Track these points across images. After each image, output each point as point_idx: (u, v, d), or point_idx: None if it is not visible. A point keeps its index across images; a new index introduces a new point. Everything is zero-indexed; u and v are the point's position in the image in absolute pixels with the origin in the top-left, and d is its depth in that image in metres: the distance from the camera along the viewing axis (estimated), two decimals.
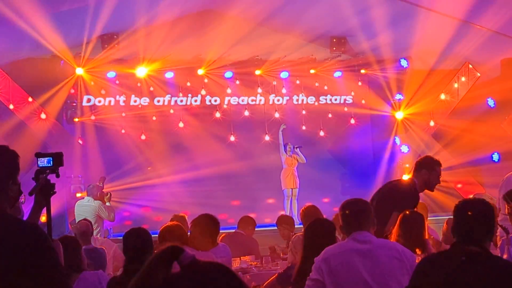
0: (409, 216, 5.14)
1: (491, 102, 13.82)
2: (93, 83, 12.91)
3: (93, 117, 13.05)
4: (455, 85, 14.21)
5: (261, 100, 14.20)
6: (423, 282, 3.32)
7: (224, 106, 13.97)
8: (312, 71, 14.17)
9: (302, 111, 14.38)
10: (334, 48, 13.80)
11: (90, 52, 12.37)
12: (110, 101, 13.19)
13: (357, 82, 14.49)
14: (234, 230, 8.42)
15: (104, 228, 10.14)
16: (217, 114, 13.73)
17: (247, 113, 13.95)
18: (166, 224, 5.38)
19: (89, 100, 13.05)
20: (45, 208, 3.46)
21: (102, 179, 10.84)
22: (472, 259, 3.22)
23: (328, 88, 14.41)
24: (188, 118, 13.71)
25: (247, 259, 7.28)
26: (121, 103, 13.28)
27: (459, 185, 13.90)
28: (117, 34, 12.34)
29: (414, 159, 14.50)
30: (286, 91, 14.29)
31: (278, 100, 14.34)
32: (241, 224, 8.27)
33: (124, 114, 13.33)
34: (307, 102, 14.45)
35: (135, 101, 13.39)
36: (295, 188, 13.33)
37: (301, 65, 14.06)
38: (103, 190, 9.84)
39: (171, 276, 1.35)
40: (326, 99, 14.57)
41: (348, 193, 12.88)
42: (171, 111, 13.63)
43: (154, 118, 13.57)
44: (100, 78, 12.94)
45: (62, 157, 3.58)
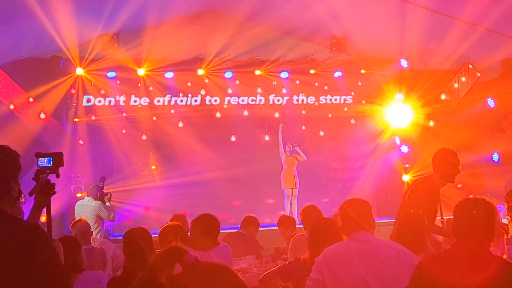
0: (409, 216, 5.15)
1: (491, 102, 13.81)
2: (93, 83, 12.92)
3: (93, 117, 13.07)
4: (455, 85, 14.21)
5: (261, 100, 14.21)
6: (424, 282, 3.32)
7: (224, 106, 13.97)
8: (312, 71, 14.18)
9: (302, 111, 14.38)
10: (334, 48, 13.80)
11: (91, 52, 12.38)
12: (110, 101, 13.21)
13: (357, 82, 14.48)
14: (237, 230, 8.42)
15: (104, 228, 10.13)
16: (217, 114, 13.73)
17: (247, 113, 13.96)
18: (166, 224, 5.38)
19: (89, 100, 13.06)
20: (45, 208, 3.46)
21: (102, 179, 10.83)
22: (472, 259, 3.22)
23: (328, 88, 14.41)
24: (188, 118, 13.71)
25: (248, 259, 7.27)
26: (121, 103, 13.30)
27: (459, 185, 13.89)
28: (117, 34, 12.35)
29: (414, 159, 14.62)
30: (286, 91, 14.29)
31: (278, 100, 14.34)
32: (243, 224, 8.27)
33: (125, 114, 13.35)
34: (307, 102, 14.45)
35: (135, 101, 13.40)
36: (295, 188, 13.34)
37: (301, 65, 14.07)
38: (103, 190, 9.83)
39: (174, 277, 1.36)
40: (326, 99, 14.57)
41: (348, 193, 12.89)
42: (172, 111, 13.64)
43: (155, 118, 13.59)
44: (100, 78, 12.94)
45: (62, 157, 3.58)
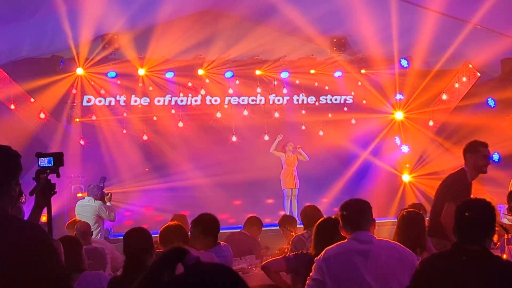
0: (409, 216, 5.15)
1: (491, 102, 13.81)
2: (93, 83, 12.93)
3: (94, 117, 13.08)
4: (455, 85, 14.21)
5: (261, 100, 14.21)
6: (424, 282, 3.33)
7: (225, 106, 13.97)
8: (312, 71, 14.18)
9: (302, 111, 14.38)
10: (334, 48, 13.81)
11: (91, 52, 12.38)
12: (110, 101, 13.20)
13: (357, 82, 14.48)
14: (239, 230, 8.43)
15: (105, 228, 10.13)
16: (218, 114, 13.73)
17: (247, 113, 13.96)
18: (166, 224, 5.36)
19: (89, 100, 13.06)
20: (46, 208, 3.46)
21: (103, 179, 10.82)
22: (472, 259, 3.22)
23: (328, 88, 14.41)
24: (188, 118, 13.71)
25: (248, 259, 7.27)
26: (122, 103, 13.30)
27: None
28: (118, 34, 12.35)
29: (414, 159, 14.62)
30: (286, 91, 14.29)
31: (278, 100, 14.34)
32: (246, 224, 8.28)
33: (125, 114, 13.35)
34: (307, 102, 14.45)
35: (135, 101, 13.40)
36: (295, 188, 13.34)
37: (301, 65, 14.06)
38: (103, 190, 9.82)
39: (175, 277, 1.36)
40: (326, 99, 14.57)
41: (348, 193, 12.87)
42: (172, 111, 13.63)
43: (155, 118, 13.59)
44: (100, 78, 12.94)
45: (63, 157, 3.58)
